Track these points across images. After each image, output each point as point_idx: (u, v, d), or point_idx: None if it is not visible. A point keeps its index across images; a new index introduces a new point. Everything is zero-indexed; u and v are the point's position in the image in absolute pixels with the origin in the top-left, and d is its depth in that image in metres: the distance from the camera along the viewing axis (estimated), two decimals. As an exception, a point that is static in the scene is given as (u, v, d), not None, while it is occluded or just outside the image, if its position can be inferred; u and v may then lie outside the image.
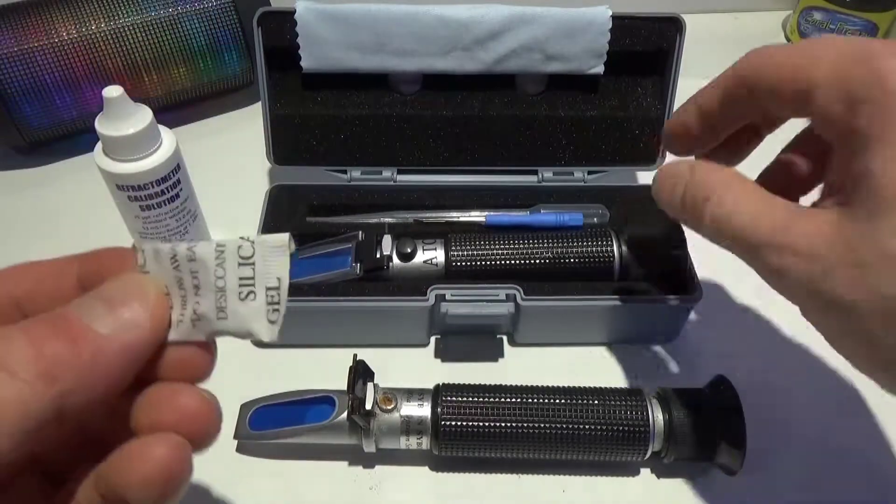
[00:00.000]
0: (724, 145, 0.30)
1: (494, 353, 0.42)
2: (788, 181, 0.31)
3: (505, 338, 0.42)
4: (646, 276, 0.40)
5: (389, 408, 0.34)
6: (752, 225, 0.25)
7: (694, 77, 0.38)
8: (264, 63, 0.44)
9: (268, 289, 0.21)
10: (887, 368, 0.23)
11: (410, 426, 0.34)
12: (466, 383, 0.35)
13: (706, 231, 0.27)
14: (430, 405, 0.34)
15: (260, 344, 0.42)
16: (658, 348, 0.42)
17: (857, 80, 0.22)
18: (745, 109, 0.27)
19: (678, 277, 0.40)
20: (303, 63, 0.44)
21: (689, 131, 0.30)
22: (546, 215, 0.44)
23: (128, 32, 0.50)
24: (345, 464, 0.36)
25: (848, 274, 0.22)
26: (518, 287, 0.39)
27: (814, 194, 0.29)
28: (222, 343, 0.44)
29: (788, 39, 0.69)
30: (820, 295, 0.23)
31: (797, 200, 0.28)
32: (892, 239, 0.21)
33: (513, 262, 0.40)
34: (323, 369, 0.39)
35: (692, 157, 0.31)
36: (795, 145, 0.31)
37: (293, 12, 0.42)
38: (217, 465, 0.36)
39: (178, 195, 0.40)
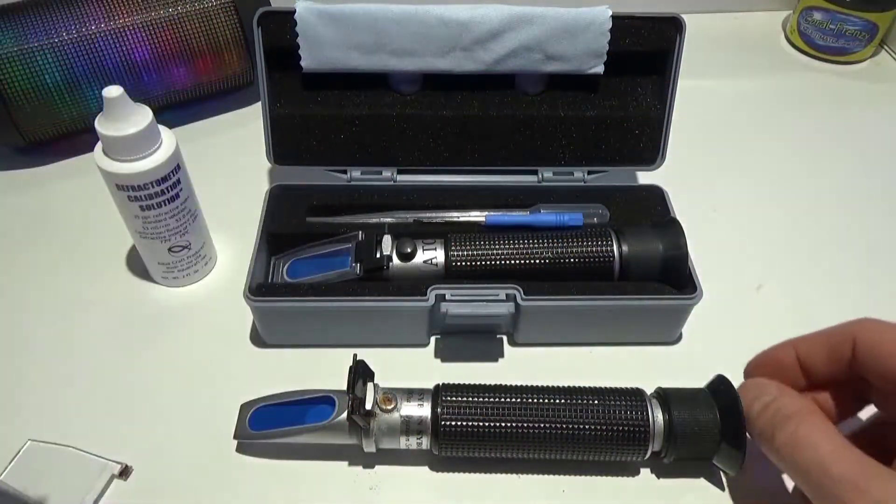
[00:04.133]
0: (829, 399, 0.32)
1: (494, 353, 0.42)
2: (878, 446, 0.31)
3: (505, 338, 0.42)
4: (646, 276, 0.40)
5: (389, 408, 0.34)
6: (828, 459, 0.26)
7: (694, 77, 0.38)
8: (264, 63, 0.44)
9: None
10: None
11: (410, 426, 0.34)
12: (466, 383, 0.35)
13: (776, 452, 0.28)
14: (430, 405, 0.34)
15: (260, 343, 0.42)
16: (658, 348, 0.42)
17: None
18: (844, 369, 0.29)
19: (678, 277, 0.40)
20: (303, 63, 0.44)
21: (784, 372, 0.31)
22: (546, 215, 0.44)
23: (128, 32, 0.50)
24: (345, 464, 0.36)
25: None
26: (518, 287, 0.39)
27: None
28: (222, 343, 0.44)
29: (788, 39, 0.69)
30: None
31: None
32: None
33: (513, 262, 0.40)
34: (323, 369, 0.39)
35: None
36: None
37: (293, 12, 0.42)
38: (217, 465, 0.36)
39: (178, 195, 0.40)
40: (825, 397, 0.32)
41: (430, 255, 0.40)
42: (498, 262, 0.40)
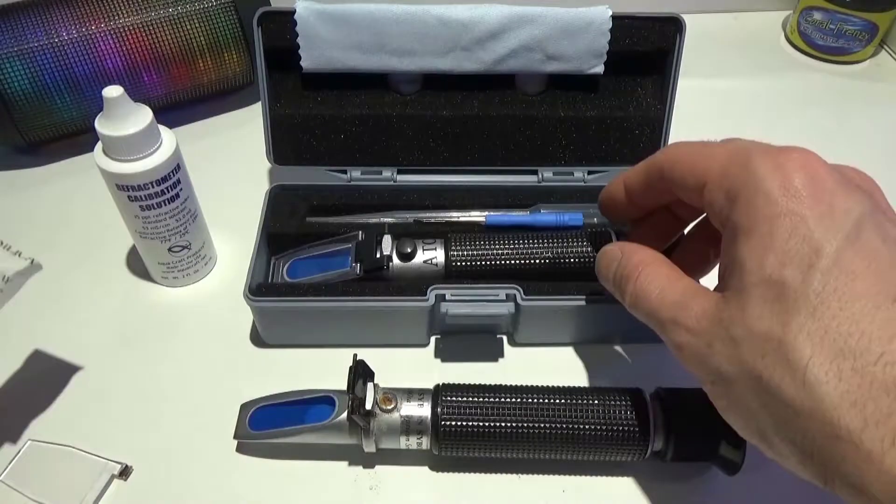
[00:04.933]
0: (653, 228, 0.35)
1: (494, 353, 0.42)
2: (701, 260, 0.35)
3: (505, 338, 0.42)
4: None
5: (389, 408, 0.34)
6: (657, 303, 0.28)
7: (694, 77, 0.38)
8: (264, 63, 0.44)
9: None
10: (763, 437, 0.25)
11: (410, 426, 0.34)
12: (466, 383, 0.35)
13: (628, 306, 0.31)
14: (430, 405, 0.34)
15: (260, 343, 0.42)
16: (658, 348, 0.42)
17: (735, 178, 0.26)
18: (659, 192, 0.31)
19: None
20: (303, 63, 0.44)
21: (616, 203, 0.34)
22: (546, 215, 0.44)
23: (128, 32, 0.50)
24: (345, 464, 0.36)
25: (725, 349, 0.25)
26: (518, 287, 0.39)
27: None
28: (222, 343, 0.44)
29: (788, 39, 0.69)
30: (707, 368, 0.26)
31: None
32: (755, 318, 0.24)
33: (513, 262, 0.40)
34: (323, 369, 0.39)
35: (626, 241, 0.34)
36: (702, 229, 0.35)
37: (293, 12, 0.42)
38: (217, 465, 0.36)
39: (178, 195, 0.40)
40: (661, 221, 0.35)
41: (430, 255, 0.40)
42: (498, 262, 0.40)
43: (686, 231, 0.37)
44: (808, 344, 0.23)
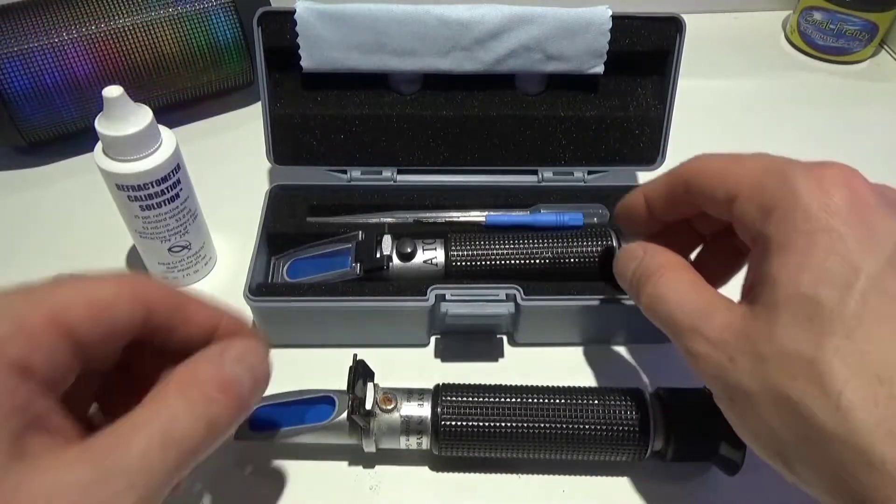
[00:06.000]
0: (670, 241, 0.33)
1: (494, 353, 0.42)
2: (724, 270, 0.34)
3: (505, 338, 0.42)
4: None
5: (389, 408, 0.34)
6: (676, 309, 0.27)
7: (694, 77, 0.38)
8: (264, 63, 0.44)
9: None
10: (784, 459, 0.24)
11: (410, 426, 0.34)
12: (466, 383, 0.35)
13: (644, 308, 0.30)
14: (430, 405, 0.34)
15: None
16: (658, 348, 0.42)
17: (772, 191, 0.25)
18: (683, 205, 0.30)
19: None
20: (303, 63, 0.44)
21: (635, 215, 0.33)
22: (546, 215, 0.44)
23: (128, 32, 0.50)
24: (345, 464, 0.36)
25: (749, 365, 0.24)
26: (518, 287, 0.39)
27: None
28: (222, 343, 0.44)
29: (788, 39, 0.69)
30: (726, 382, 0.25)
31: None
32: (786, 336, 0.23)
33: (513, 262, 0.40)
34: (323, 369, 0.39)
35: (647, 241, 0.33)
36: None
37: (293, 12, 0.42)
38: (217, 465, 0.36)
39: (178, 195, 0.40)
40: (680, 235, 0.33)
41: (430, 255, 0.40)
42: (498, 262, 0.40)
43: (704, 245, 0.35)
44: (843, 367, 0.22)
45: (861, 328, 0.22)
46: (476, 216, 0.44)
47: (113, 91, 0.35)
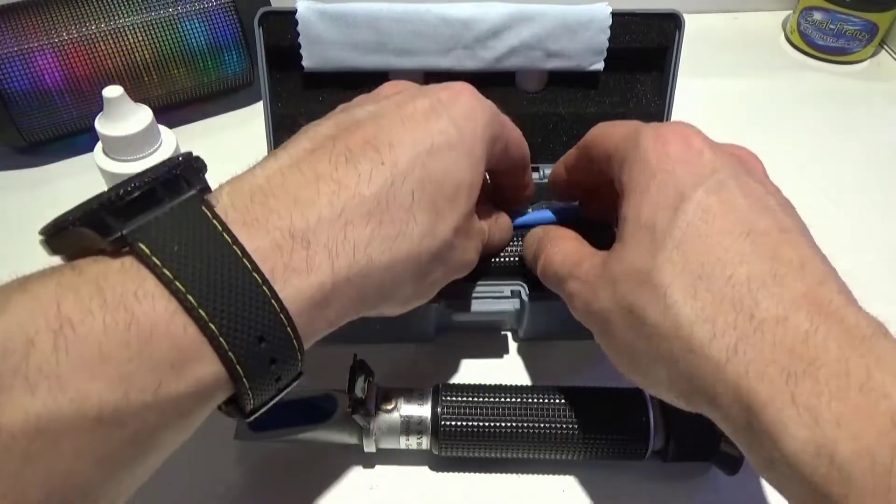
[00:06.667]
0: (600, 202, 0.36)
1: (499, 350, 0.42)
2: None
3: (509, 334, 0.42)
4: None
5: (389, 408, 0.34)
6: (560, 266, 0.32)
7: (694, 77, 0.38)
8: (265, 63, 0.44)
9: None
10: (641, 369, 0.27)
11: (410, 426, 0.34)
12: (466, 383, 0.35)
13: (540, 274, 0.34)
14: (429, 405, 0.34)
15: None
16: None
17: (625, 148, 0.29)
18: (589, 169, 0.33)
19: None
20: (304, 62, 0.44)
21: (558, 182, 0.37)
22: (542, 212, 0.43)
23: (128, 32, 0.50)
24: (345, 464, 0.36)
25: (607, 291, 0.27)
26: (523, 283, 0.39)
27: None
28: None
29: (788, 39, 0.69)
30: (592, 311, 0.29)
31: None
32: (629, 259, 0.26)
33: (517, 258, 0.40)
34: (323, 369, 0.39)
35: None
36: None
37: (294, 12, 0.42)
38: (217, 465, 0.36)
39: (178, 195, 0.40)
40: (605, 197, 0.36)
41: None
42: (502, 259, 0.40)
43: None
44: (670, 272, 0.25)
45: (685, 241, 0.25)
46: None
47: (113, 91, 0.35)
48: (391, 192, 0.26)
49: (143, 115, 0.37)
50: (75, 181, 0.53)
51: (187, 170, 0.24)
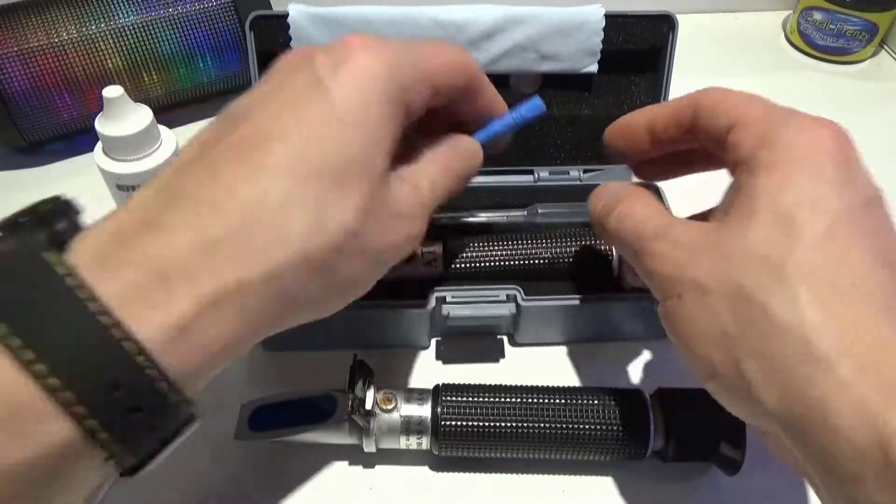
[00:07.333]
0: (658, 163, 0.34)
1: (495, 354, 0.42)
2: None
3: (506, 338, 0.42)
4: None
5: (389, 408, 0.34)
6: (643, 221, 0.29)
7: (694, 76, 0.38)
8: (257, 67, 0.44)
9: None
10: (725, 351, 0.25)
11: (410, 426, 0.34)
12: (466, 383, 0.35)
13: (609, 234, 0.32)
14: (429, 405, 0.34)
15: (260, 344, 0.42)
16: (658, 347, 0.42)
17: (774, 125, 0.27)
18: (681, 131, 0.31)
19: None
20: (300, 65, 0.44)
21: (633, 134, 0.33)
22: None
23: (128, 32, 0.50)
24: (345, 464, 0.36)
25: (709, 264, 0.26)
26: (518, 287, 0.39)
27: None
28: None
29: (788, 39, 0.69)
30: (680, 279, 0.27)
31: None
32: (756, 241, 0.25)
33: (513, 262, 0.40)
34: (323, 369, 0.39)
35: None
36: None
37: (286, 16, 0.42)
38: (217, 465, 0.36)
39: (177, 195, 0.40)
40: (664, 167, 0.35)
41: (430, 256, 0.40)
42: (498, 263, 0.40)
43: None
44: (806, 272, 0.24)
45: (826, 247, 0.24)
46: (475, 217, 0.44)
47: (113, 91, 0.35)
48: (262, 198, 0.23)
49: (143, 115, 0.37)
50: (75, 181, 0.53)
51: (45, 215, 0.23)
